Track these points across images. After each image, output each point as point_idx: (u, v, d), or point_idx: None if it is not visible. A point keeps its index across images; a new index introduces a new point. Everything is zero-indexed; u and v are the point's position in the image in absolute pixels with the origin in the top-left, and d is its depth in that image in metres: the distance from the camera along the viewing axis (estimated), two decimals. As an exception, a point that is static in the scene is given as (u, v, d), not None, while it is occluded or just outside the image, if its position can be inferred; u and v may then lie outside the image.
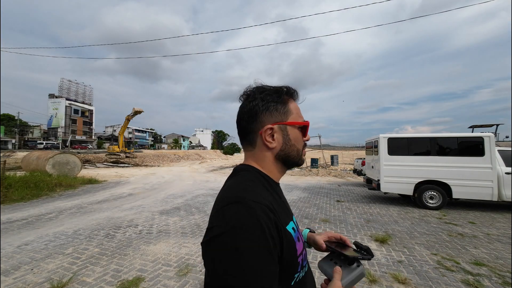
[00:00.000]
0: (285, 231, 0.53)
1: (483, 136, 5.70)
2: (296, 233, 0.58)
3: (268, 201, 0.53)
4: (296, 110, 0.67)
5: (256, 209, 0.48)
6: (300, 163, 0.69)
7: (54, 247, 3.48)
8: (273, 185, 0.64)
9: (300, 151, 0.67)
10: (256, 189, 0.55)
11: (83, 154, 25.90)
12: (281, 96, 0.65)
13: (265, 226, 0.46)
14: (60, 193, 7.84)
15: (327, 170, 16.22)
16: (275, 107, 0.63)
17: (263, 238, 0.45)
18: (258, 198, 0.51)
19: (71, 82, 60.30)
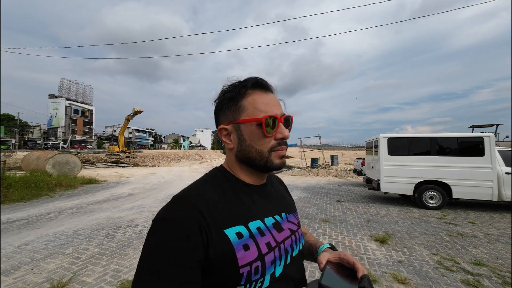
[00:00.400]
0: (220, 234, 0.48)
1: (483, 136, 5.70)
2: (244, 240, 0.50)
3: (205, 201, 0.51)
4: (256, 103, 0.57)
5: (181, 208, 0.49)
6: (268, 166, 0.58)
7: (54, 247, 3.48)
8: (238, 186, 0.59)
9: (264, 152, 0.57)
10: (199, 190, 0.54)
11: (83, 154, 25.90)
12: (235, 91, 0.58)
13: (182, 226, 0.46)
14: (60, 193, 7.84)
15: (327, 170, 16.22)
16: (227, 106, 0.59)
17: (175, 236, 0.45)
18: (193, 198, 0.51)
19: (71, 82, 60.31)
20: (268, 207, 0.62)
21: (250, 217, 0.55)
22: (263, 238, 0.54)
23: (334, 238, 3.93)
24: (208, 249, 0.47)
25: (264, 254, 0.52)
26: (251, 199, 0.59)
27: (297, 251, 0.63)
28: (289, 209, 0.70)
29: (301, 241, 0.67)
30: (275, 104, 0.59)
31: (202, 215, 0.48)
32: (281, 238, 0.58)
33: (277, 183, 0.77)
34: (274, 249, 0.55)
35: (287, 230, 0.62)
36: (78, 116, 59.35)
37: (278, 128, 0.58)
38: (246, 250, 0.50)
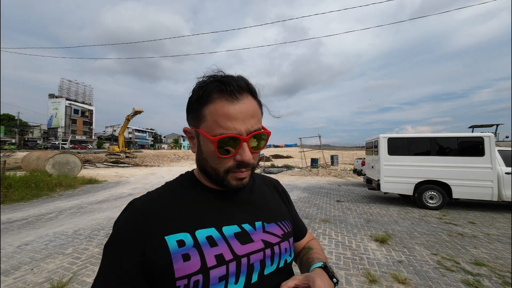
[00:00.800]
0: (160, 240, 0.46)
1: (483, 136, 5.70)
2: (185, 249, 0.46)
3: (153, 206, 0.50)
4: (215, 116, 0.47)
5: (128, 212, 0.50)
6: (225, 185, 0.52)
7: (54, 247, 3.48)
8: (200, 190, 0.55)
9: (219, 171, 0.51)
10: (155, 194, 0.54)
11: (83, 154, 25.90)
12: (200, 94, 0.49)
13: (124, 229, 0.48)
14: (60, 193, 7.84)
15: (327, 170, 16.22)
16: (191, 108, 0.52)
17: (119, 238, 0.47)
18: (142, 202, 0.51)
19: (71, 82, 60.35)
20: (235, 214, 0.54)
21: (201, 224, 0.50)
22: (213, 249, 0.47)
23: (334, 238, 3.93)
24: (144, 255, 0.45)
25: (210, 267, 0.46)
26: (211, 205, 0.53)
27: (273, 269, 0.54)
28: (270, 217, 0.59)
29: (284, 257, 0.57)
30: (243, 118, 0.47)
31: (145, 219, 0.47)
32: (244, 251, 0.50)
33: (263, 186, 0.68)
34: (229, 263, 0.48)
35: (259, 242, 0.53)
36: (78, 116, 59.40)
37: (239, 149, 0.48)
38: (186, 261, 0.45)
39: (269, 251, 0.54)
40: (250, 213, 0.57)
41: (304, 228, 0.77)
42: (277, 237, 0.57)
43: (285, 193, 0.73)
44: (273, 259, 0.54)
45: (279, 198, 0.69)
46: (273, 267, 0.54)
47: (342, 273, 2.77)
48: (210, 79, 0.50)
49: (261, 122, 0.53)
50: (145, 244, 0.45)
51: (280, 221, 0.60)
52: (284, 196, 0.71)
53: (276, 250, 0.55)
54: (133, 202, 0.52)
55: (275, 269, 0.54)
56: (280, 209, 0.65)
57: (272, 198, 0.66)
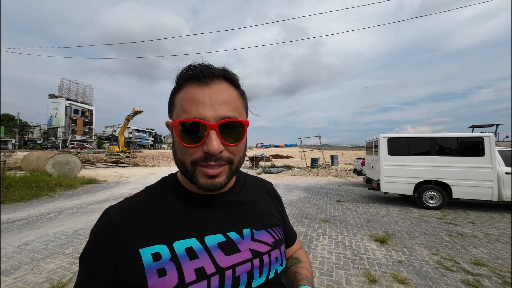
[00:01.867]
0: (133, 253, 0.42)
1: (483, 136, 5.70)
2: (160, 263, 0.42)
3: (127, 215, 0.46)
4: (183, 101, 0.44)
5: (100, 223, 0.47)
6: (194, 182, 0.46)
7: (54, 247, 3.48)
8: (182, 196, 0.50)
9: (186, 164, 0.45)
10: (130, 201, 0.49)
11: (83, 154, 25.90)
12: (176, 83, 0.47)
13: (96, 241, 0.45)
14: (60, 193, 7.84)
15: (327, 170, 16.22)
16: (169, 101, 0.49)
17: (90, 251, 0.44)
18: (115, 211, 0.47)
19: (71, 82, 60.34)
20: (220, 221, 0.49)
21: (180, 234, 0.45)
22: (192, 262, 0.43)
23: (334, 238, 3.93)
24: (116, 270, 0.41)
25: (189, 283, 0.41)
26: (193, 211, 0.48)
27: (263, 281, 0.49)
28: (260, 224, 0.54)
29: (274, 267, 0.52)
30: (212, 103, 0.43)
31: (117, 230, 0.43)
32: (229, 262, 0.46)
33: (254, 189, 0.62)
34: (211, 277, 0.43)
35: (246, 251, 0.49)
36: (78, 116, 59.38)
37: (206, 137, 0.43)
38: (161, 276, 0.41)
39: (257, 261, 0.49)
40: (238, 220, 0.51)
41: (294, 235, 0.73)
42: (267, 245, 0.52)
43: (277, 197, 0.67)
44: (262, 270, 0.49)
45: (271, 202, 0.63)
46: (262, 279, 0.49)
47: (342, 273, 2.77)
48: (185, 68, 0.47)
49: (240, 113, 0.47)
50: (117, 258, 0.42)
51: (271, 228, 0.56)
52: (276, 200, 0.66)
53: (265, 260, 0.50)
54: (107, 211, 0.48)
55: (264, 281, 0.49)
56: (272, 214, 0.59)
57: (263, 202, 0.60)
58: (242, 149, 0.49)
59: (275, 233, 0.56)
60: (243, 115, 0.49)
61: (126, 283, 0.41)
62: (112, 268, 0.42)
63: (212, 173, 0.44)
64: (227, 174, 0.47)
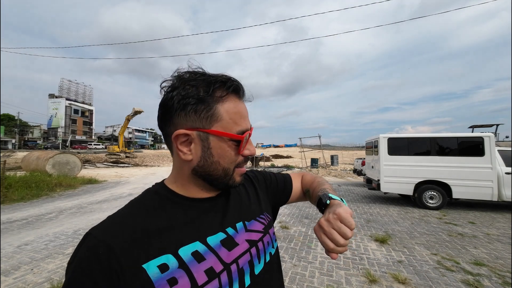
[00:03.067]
0: (136, 271, 0.39)
1: (483, 136, 5.70)
2: (170, 272, 0.40)
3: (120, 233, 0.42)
4: (232, 114, 0.48)
5: (88, 247, 0.41)
6: (230, 184, 0.51)
7: (54, 247, 3.48)
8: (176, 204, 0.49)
9: (230, 170, 0.50)
10: (117, 218, 0.45)
11: (83, 154, 25.91)
12: (208, 90, 0.46)
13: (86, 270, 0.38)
14: (60, 193, 7.84)
15: (327, 170, 16.22)
16: (194, 108, 0.46)
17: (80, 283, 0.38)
18: (103, 231, 0.42)
19: (71, 82, 60.37)
20: (217, 220, 0.51)
21: (183, 240, 0.45)
22: (201, 264, 0.43)
23: (334, 238, 3.93)
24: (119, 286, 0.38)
25: (202, 285, 0.42)
26: (191, 218, 0.48)
27: (262, 265, 0.53)
28: (250, 214, 0.58)
29: (268, 250, 0.56)
30: (247, 116, 0.52)
31: (112, 251, 0.39)
32: (233, 256, 0.48)
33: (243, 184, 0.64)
34: (220, 274, 0.44)
35: (244, 243, 0.51)
36: (78, 116, 59.41)
37: (247, 143, 0.51)
38: (173, 285, 0.40)
39: (254, 250, 0.52)
40: (230, 216, 0.54)
41: (287, 177, 0.77)
42: (259, 232, 0.56)
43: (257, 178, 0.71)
44: (260, 256, 0.53)
45: (253, 190, 0.66)
46: (261, 265, 0.53)
47: (342, 273, 2.77)
48: (210, 77, 0.47)
49: None
50: (119, 280, 0.38)
51: (259, 215, 0.60)
52: (257, 183, 0.69)
53: (260, 247, 0.54)
54: (91, 233, 0.43)
55: (264, 266, 0.53)
56: (258, 203, 0.63)
57: (248, 193, 0.63)
58: None
59: (263, 219, 0.61)
60: None
61: None
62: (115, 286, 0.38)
63: (245, 171, 0.56)
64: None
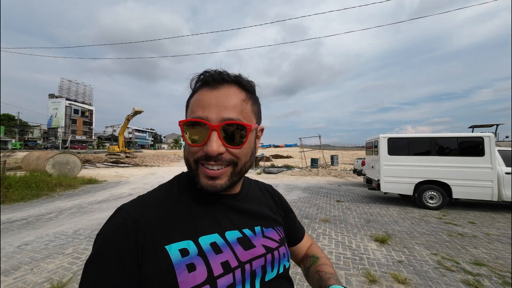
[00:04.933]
0: (159, 251, 0.41)
1: (483, 136, 5.70)
2: (189, 258, 0.42)
3: (148, 212, 0.45)
4: (193, 103, 0.47)
5: (118, 221, 0.44)
6: (196, 181, 0.47)
7: (54, 247, 3.48)
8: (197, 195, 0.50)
9: (190, 162, 0.48)
10: (148, 198, 0.49)
11: (83, 154, 25.91)
12: (192, 86, 0.50)
13: (114, 242, 0.41)
14: (60, 193, 7.84)
15: (327, 170, 16.22)
16: (186, 103, 0.52)
17: (107, 252, 0.41)
18: (134, 209, 0.45)
19: (71, 82, 60.38)
20: (235, 219, 0.52)
21: (203, 230, 0.46)
22: (218, 256, 0.45)
23: (334, 238, 3.93)
24: (141, 269, 0.40)
25: (217, 276, 0.43)
26: (210, 210, 0.50)
27: (274, 275, 0.52)
28: (268, 222, 0.58)
29: (282, 262, 0.55)
30: (217, 105, 0.45)
31: (139, 227, 0.42)
32: (247, 257, 0.48)
33: (258, 191, 0.66)
34: (235, 270, 0.45)
35: (260, 247, 0.51)
36: (78, 116, 59.42)
37: (208, 138, 0.44)
38: (191, 271, 0.41)
39: (269, 256, 0.52)
40: (249, 218, 0.55)
41: (302, 230, 0.76)
42: (275, 242, 0.56)
43: (279, 197, 0.71)
44: (274, 264, 0.52)
45: (273, 203, 0.67)
46: (273, 274, 0.52)
47: (342, 273, 2.77)
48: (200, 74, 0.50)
49: (247, 117, 0.48)
50: (142, 255, 0.41)
51: (276, 226, 0.60)
52: (278, 201, 0.69)
53: (276, 255, 0.53)
54: (122, 208, 0.46)
55: (275, 275, 0.52)
56: (275, 215, 0.64)
57: (267, 203, 0.64)
58: (247, 153, 0.50)
59: (279, 232, 0.60)
60: (250, 119, 0.49)
61: (153, 282, 0.40)
62: (136, 267, 0.40)
63: (212, 174, 0.45)
64: (229, 177, 0.48)
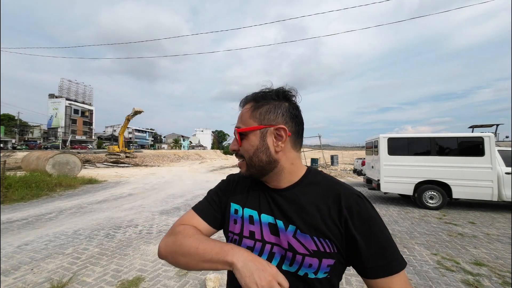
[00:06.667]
0: (228, 202, 0.69)
1: (483, 136, 5.69)
2: (236, 216, 0.65)
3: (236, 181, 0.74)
4: None
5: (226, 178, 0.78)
6: None
7: (54, 247, 3.48)
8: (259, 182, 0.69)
9: None
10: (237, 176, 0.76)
11: (83, 154, 25.89)
12: None
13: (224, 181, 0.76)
14: (60, 193, 7.84)
15: (327, 170, 16.22)
16: None
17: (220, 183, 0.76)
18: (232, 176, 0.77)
19: (71, 82, 60.35)
20: (274, 208, 0.62)
21: (249, 204, 0.66)
22: (250, 226, 0.62)
23: (334, 238, 3.92)
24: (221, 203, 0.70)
25: (244, 236, 0.62)
26: (258, 194, 0.67)
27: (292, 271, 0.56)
28: (306, 227, 0.57)
29: (305, 269, 0.55)
30: (238, 118, 0.67)
31: (231, 183, 0.74)
32: (271, 239, 0.59)
33: (317, 194, 0.61)
34: (257, 241, 0.60)
35: (284, 241, 0.57)
36: (78, 116, 59.37)
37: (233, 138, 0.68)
38: (234, 224, 0.65)
39: (290, 254, 0.57)
40: (287, 214, 0.60)
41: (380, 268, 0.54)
42: (306, 249, 0.55)
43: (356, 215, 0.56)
44: (293, 263, 0.57)
45: (333, 213, 0.57)
46: (292, 269, 0.57)
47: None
48: None
49: (246, 123, 0.63)
50: (224, 195, 0.71)
51: (318, 237, 0.56)
52: (349, 217, 0.56)
53: (297, 259, 0.56)
54: (231, 174, 0.77)
55: (293, 272, 0.57)
56: (325, 225, 0.56)
57: (320, 209, 0.58)
58: (248, 150, 0.62)
59: (321, 244, 0.55)
60: (247, 123, 0.63)
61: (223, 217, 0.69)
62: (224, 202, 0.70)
63: (238, 165, 0.68)
64: (246, 167, 0.64)
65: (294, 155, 0.64)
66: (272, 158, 0.60)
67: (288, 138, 0.61)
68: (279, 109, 0.61)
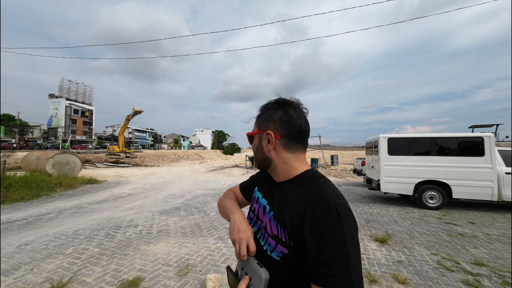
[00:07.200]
0: (255, 186, 0.89)
1: (483, 136, 5.69)
2: (254, 195, 0.85)
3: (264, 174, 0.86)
4: None
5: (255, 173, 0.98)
6: None
7: (54, 247, 3.48)
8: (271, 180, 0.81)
9: None
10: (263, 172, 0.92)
11: (83, 154, 25.89)
12: None
13: (257, 173, 0.94)
14: (60, 193, 7.83)
15: (327, 170, 16.20)
16: None
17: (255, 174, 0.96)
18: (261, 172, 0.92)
19: (71, 82, 60.33)
20: (268, 195, 0.78)
21: (261, 190, 0.83)
22: (255, 204, 0.82)
23: (334, 238, 3.92)
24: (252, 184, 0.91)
25: (251, 210, 0.84)
26: (267, 182, 0.83)
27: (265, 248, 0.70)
28: (277, 217, 0.68)
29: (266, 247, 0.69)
30: None
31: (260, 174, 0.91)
32: (261, 217, 0.76)
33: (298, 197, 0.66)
34: (255, 216, 0.79)
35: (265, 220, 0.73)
36: (78, 116, 59.33)
37: None
38: (253, 200, 0.86)
39: (263, 231, 0.73)
40: (273, 202, 0.74)
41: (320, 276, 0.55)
42: (271, 231, 0.70)
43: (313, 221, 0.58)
44: (263, 239, 0.72)
45: (300, 212, 0.62)
46: (262, 242, 0.71)
47: (342, 273, 2.77)
48: None
49: (253, 128, 0.80)
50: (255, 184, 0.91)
51: (281, 226, 0.67)
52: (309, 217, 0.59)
53: (265, 236, 0.71)
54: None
55: (262, 245, 0.71)
56: (289, 219, 0.63)
57: (293, 206, 0.64)
58: (253, 149, 0.81)
59: (281, 233, 0.66)
60: (253, 129, 0.80)
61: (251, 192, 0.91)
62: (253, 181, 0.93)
63: None
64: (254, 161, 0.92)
65: (288, 156, 0.73)
66: (266, 156, 0.75)
67: (278, 141, 0.72)
68: (273, 117, 0.73)
